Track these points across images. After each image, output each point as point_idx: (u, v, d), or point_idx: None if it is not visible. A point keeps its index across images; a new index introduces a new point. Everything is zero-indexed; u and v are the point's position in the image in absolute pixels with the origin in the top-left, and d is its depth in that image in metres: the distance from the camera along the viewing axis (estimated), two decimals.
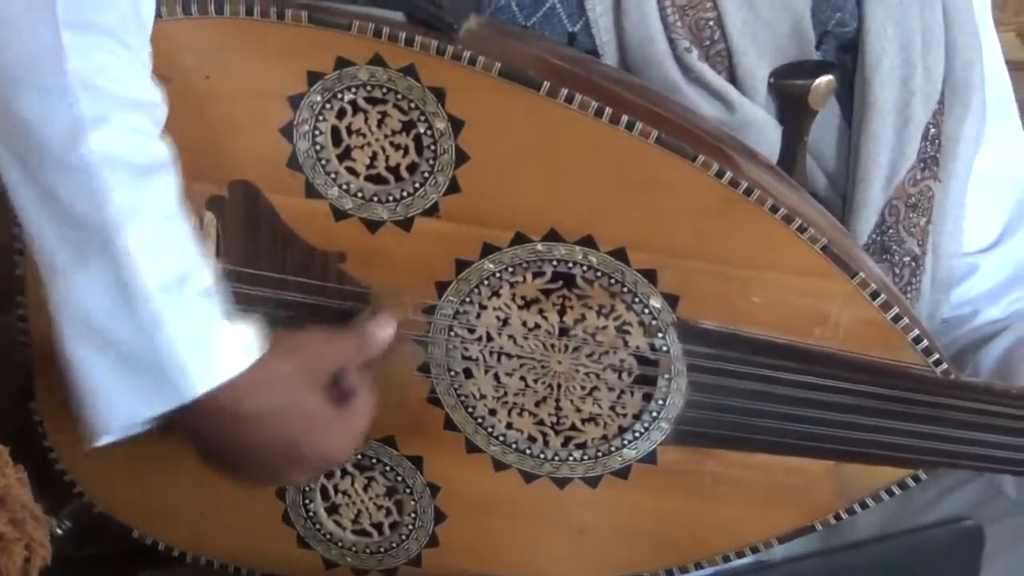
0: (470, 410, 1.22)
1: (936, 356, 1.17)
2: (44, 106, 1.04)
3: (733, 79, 1.27)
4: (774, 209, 1.13)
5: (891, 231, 1.35)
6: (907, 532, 1.21)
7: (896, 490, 1.21)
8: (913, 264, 1.37)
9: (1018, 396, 1.19)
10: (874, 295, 1.15)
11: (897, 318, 1.16)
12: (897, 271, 1.36)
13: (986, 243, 1.45)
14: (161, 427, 1.11)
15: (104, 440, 1.11)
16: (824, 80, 1.28)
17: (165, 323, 1.05)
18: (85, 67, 1.04)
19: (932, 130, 1.35)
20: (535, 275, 1.17)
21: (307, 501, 1.28)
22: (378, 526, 1.28)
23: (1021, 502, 1.33)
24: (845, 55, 1.33)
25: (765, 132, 1.27)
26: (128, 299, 1.05)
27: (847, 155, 1.33)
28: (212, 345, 1.07)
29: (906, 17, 1.31)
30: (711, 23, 1.25)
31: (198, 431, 1.13)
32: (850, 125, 1.33)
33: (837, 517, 1.23)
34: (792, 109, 1.29)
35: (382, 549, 1.29)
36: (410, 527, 1.27)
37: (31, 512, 1.06)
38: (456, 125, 1.13)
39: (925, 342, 1.17)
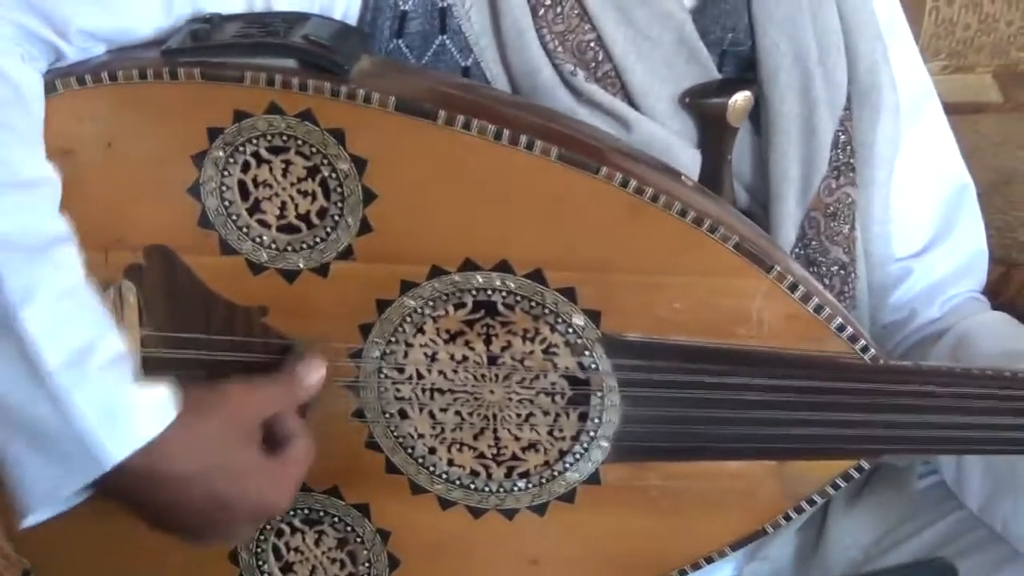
0: (410, 451, 1.18)
1: (863, 343, 1.13)
2: None
3: (629, 99, 1.24)
4: (683, 212, 1.09)
5: (813, 243, 1.32)
6: (882, 572, 1.18)
7: (841, 482, 1.16)
8: (843, 273, 1.34)
9: (948, 373, 1.15)
10: (792, 288, 1.11)
11: (818, 308, 1.12)
12: (827, 281, 1.32)
13: (918, 247, 1.41)
14: (95, 496, 1.08)
15: (31, 520, 1.08)
16: (741, 96, 1.25)
17: (72, 397, 1.03)
18: None
19: (842, 137, 1.32)
20: (456, 307, 1.13)
21: (261, 563, 1.23)
22: None
23: (999, 534, 1.29)
24: (748, 72, 1.30)
25: (670, 150, 1.24)
26: (34, 377, 1.03)
27: (763, 170, 1.31)
28: (122, 412, 1.05)
29: (797, 28, 1.28)
30: (592, 44, 1.23)
31: (128, 497, 1.09)
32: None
33: (787, 517, 1.18)
34: (712, 128, 1.27)
35: None
36: None
37: (1, 551, 1.04)
38: (359, 165, 1.10)
39: (849, 329, 1.13)
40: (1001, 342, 1.32)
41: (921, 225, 1.40)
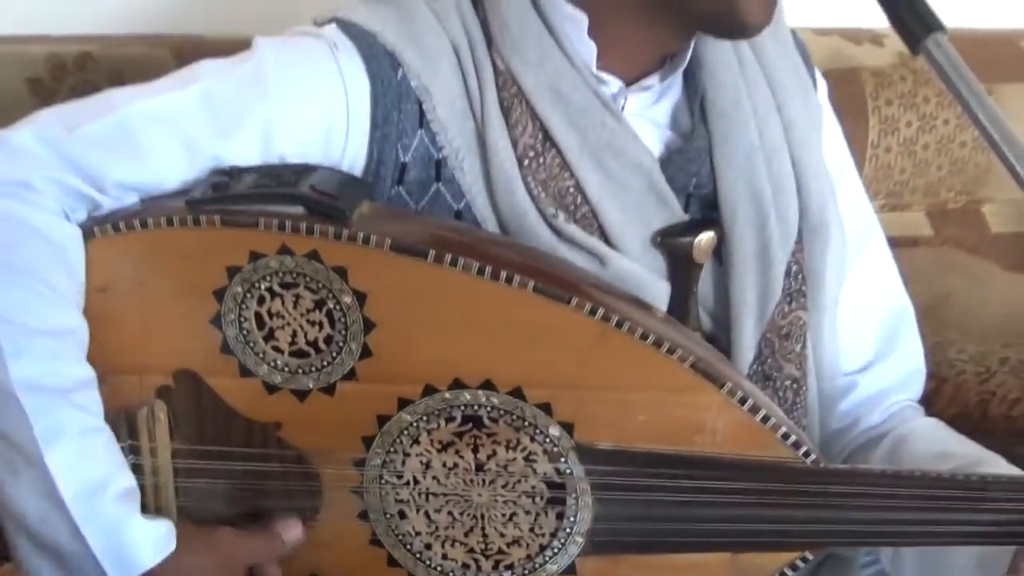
0: (408, 547, 1.25)
1: (805, 448, 1.20)
2: None
3: (605, 237, 1.31)
4: (644, 336, 1.17)
5: (769, 360, 1.39)
6: None
7: (789, 572, 1.23)
8: (795, 386, 1.41)
9: (881, 475, 1.22)
10: (742, 401, 1.18)
11: (765, 419, 1.19)
12: (781, 394, 1.39)
13: (863, 363, 1.49)
14: None
15: None
16: (705, 236, 1.34)
17: (84, 527, 1.13)
18: (4, 303, 1.13)
19: (794, 267, 1.39)
20: (447, 420, 1.20)
21: None
22: None
23: None
24: (712, 211, 1.37)
25: (643, 283, 1.30)
26: (56, 506, 1.13)
27: (725, 297, 1.38)
28: (126, 543, 1.15)
29: (754, 173, 1.36)
30: (571, 190, 1.30)
31: None
32: None
33: None
34: (680, 264, 1.34)
35: None
36: None
37: None
38: (360, 298, 1.18)
39: (793, 437, 1.20)
40: (934, 444, 1.39)
41: (866, 344, 1.48)
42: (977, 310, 1.84)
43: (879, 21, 1.15)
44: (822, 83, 1.49)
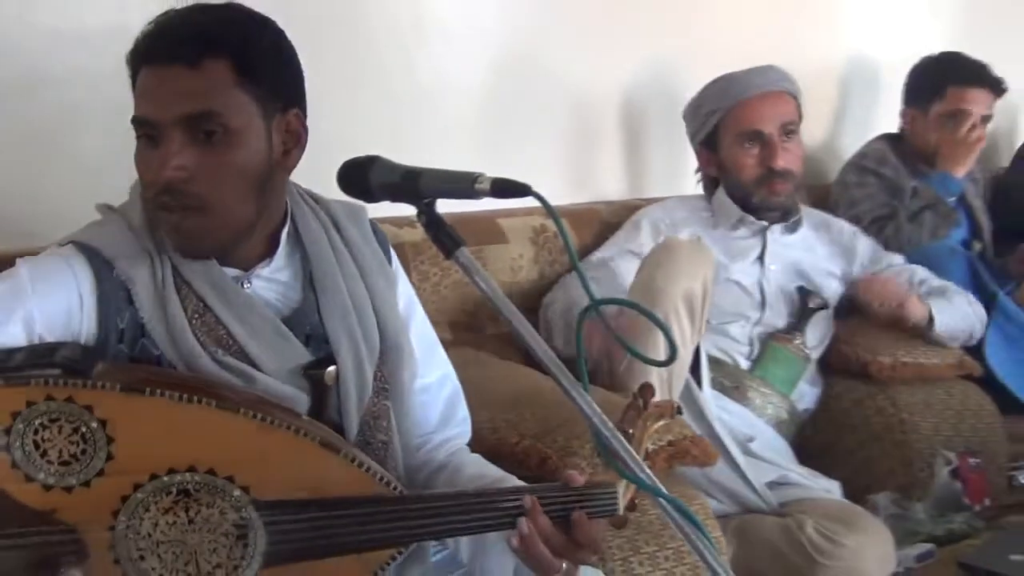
0: None
1: (394, 485, 1.76)
2: None
3: (255, 365, 1.81)
4: (289, 428, 1.70)
5: (368, 432, 1.92)
6: None
7: (398, 555, 1.77)
8: (384, 447, 1.95)
9: (440, 495, 1.81)
10: (352, 459, 1.73)
11: (368, 469, 1.74)
12: (377, 452, 1.92)
13: (433, 426, 2.07)
14: None
15: None
16: (331, 368, 1.87)
17: None
18: None
19: (379, 374, 1.94)
20: (167, 494, 1.68)
21: None
22: None
23: None
24: (326, 345, 1.89)
25: (285, 395, 1.81)
26: None
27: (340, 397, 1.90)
28: None
29: (348, 321, 1.89)
30: (225, 335, 1.80)
31: None
32: None
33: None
34: (316, 387, 1.87)
35: None
36: None
37: None
38: (103, 424, 1.65)
39: (386, 479, 1.76)
40: (475, 469, 1.99)
41: (435, 414, 2.07)
42: (486, 385, 2.51)
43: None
44: (396, 258, 2.06)
